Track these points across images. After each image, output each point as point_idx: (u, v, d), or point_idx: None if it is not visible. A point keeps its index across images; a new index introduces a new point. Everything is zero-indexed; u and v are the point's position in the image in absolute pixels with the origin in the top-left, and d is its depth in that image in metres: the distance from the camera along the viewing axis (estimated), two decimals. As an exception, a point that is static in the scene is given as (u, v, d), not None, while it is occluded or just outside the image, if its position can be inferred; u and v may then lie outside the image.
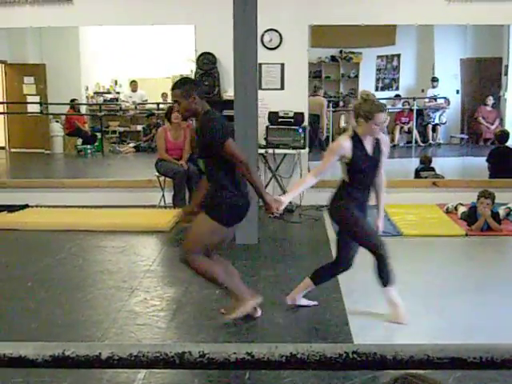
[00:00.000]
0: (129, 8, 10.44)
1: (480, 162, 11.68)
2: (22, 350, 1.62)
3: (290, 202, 10.14)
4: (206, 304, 6.08)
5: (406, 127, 17.34)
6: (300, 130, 10.22)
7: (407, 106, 17.62)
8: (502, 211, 9.13)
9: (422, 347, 1.62)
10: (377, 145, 5.53)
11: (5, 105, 16.93)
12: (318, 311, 5.81)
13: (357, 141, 5.43)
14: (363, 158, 5.44)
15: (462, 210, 9.39)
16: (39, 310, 5.92)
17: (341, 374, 4.32)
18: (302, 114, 10.33)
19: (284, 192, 10.27)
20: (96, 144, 16.58)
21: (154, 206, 9.94)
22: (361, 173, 5.51)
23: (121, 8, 10.46)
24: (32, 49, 16.90)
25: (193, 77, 10.69)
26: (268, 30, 10.32)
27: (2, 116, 16.84)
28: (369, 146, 5.49)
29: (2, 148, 16.85)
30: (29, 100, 16.89)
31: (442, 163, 13.01)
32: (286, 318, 5.65)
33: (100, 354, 1.59)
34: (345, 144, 5.44)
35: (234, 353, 1.59)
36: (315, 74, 17.77)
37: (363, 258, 7.73)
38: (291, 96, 10.38)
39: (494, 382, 4.23)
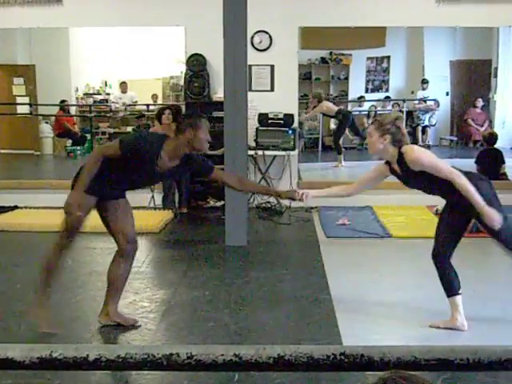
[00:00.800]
0: (119, 9, 10.44)
1: (469, 164, 11.67)
2: (10, 351, 1.61)
3: (279, 203, 10.18)
4: (195, 306, 6.07)
5: (395, 129, 17.33)
6: (290, 132, 10.24)
7: (397, 108, 17.63)
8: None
9: (410, 349, 1.62)
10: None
11: (-6, 106, 16.88)
12: (306, 312, 5.81)
13: None
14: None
15: (451, 211, 9.40)
16: (28, 312, 5.89)
17: (329, 376, 4.32)
18: (291, 115, 10.34)
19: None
20: (86, 145, 16.54)
21: (143, 208, 9.93)
22: None
23: (111, 9, 10.45)
24: (21, 50, 16.85)
25: (182, 78, 10.70)
26: (258, 32, 10.33)
27: (-9, 117, 16.80)
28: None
29: (-9, 149, 16.81)
30: (18, 101, 16.84)
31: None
32: (274, 319, 5.65)
33: (87, 355, 1.60)
34: None
35: (222, 354, 1.60)
36: (305, 75, 17.76)
37: (354, 258, 7.77)
38: (281, 98, 10.39)
39: (483, 384, 4.24)
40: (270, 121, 10.27)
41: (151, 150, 5.07)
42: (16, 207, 10.26)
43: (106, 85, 18.69)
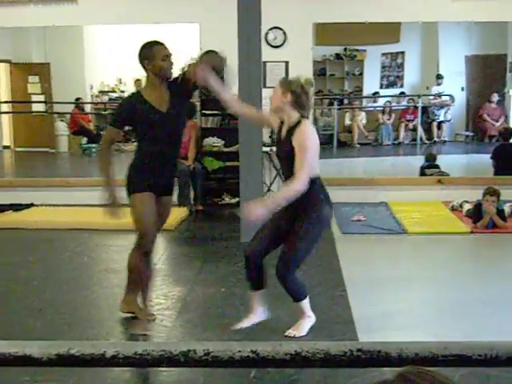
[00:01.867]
0: (133, 6, 10.44)
1: (485, 160, 11.66)
2: (28, 348, 1.62)
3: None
4: (211, 303, 6.08)
5: (410, 125, 17.31)
6: (305, 128, 10.20)
7: (412, 104, 17.59)
8: (507, 208, 9.11)
9: (427, 345, 1.62)
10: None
11: (10, 104, 16.95)
12: (322, 308, 5.81)
13: None
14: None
15: (467, 207, 9.38)
16: (45, 309, 5.92)
17: (345, 372, 4.31)
18: (306, 111, 10.31)
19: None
20: (101, 143, 16.56)
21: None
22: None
23: (125, 7, 10.46)
24: (36, 48, 16.91)
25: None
26: (272, 28, 10.32)
27: (7, 115, 16.86)
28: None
29: (7, 147, 16.88)
30: (33, 99, 16.91)
31: (447, 160, 12.99)
32: (291, 315, 5.64)
33: (105, 352, 1.60)
34: None
35: (239, 351, 1.60)
36: (320, 71, 17.76)
37: (369, 254, 7.76)
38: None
39: (500, 379, 4.23)
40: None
41: (134, 101, 5.24)
42: (32, 205, 10.29)
43: (120, 82, 18.74)
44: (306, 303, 5.21)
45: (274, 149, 10.03)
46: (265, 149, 9.60)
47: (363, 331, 5.23)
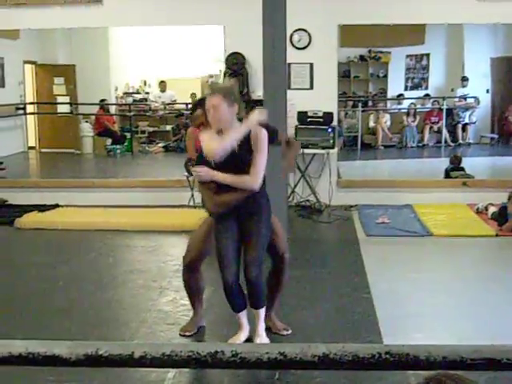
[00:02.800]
0: (158, 8, 10.47)
1: (510, 162, 11.59)
2: (56, 348, 1.63)
3: (319, 202, 10.16)
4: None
5: (435, 127, 17.24)
6: (329, 130, 10.19)
7: (437, 106, 17.52)
8: (533, 211, 9.05)
9: (456, 348, 1.61)
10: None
11: (35, 105, 17.07)
12: (347, 311, 5.80)
13: None
14: None
15: (492, 210, 9.32)
16: (70, 310, 5.96)
17: (371, 375, 4.30)
18: (331, 113, 10.30)
19: (314, 193, 10.27)
20: (125, 144, 16.65)
21: (183, 206, 9.95)
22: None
23: (150, 8, 10.49)
24: (62, 49, 17.03)
25: (221, 77, 10.71)
26: (297, 30, 10.30)
27: (33, 116, 16.98)
28: None
29: (33, 148, 17.00)
30: (59, 100, 17.02)
31: (472, 163, 12.92)
32: (315, 317, 5.65)
33: (133, 353, 1.60)
34: None
35: (267, 352, 1.59)
36: (344, 73, 17.72)
37: (394, 256, 7.73)
38: (320, 96, 10.35)
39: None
40: (309, 119, 10.24)
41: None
42: (57, 205, 10.35)
43: (145, 84, 18.84)
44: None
45: (299, 151, 10.13)
46: (289, 150, 9.59)
47: (388, 333, 5.22)
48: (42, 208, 10.11)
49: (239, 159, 4.84)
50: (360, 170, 14.10)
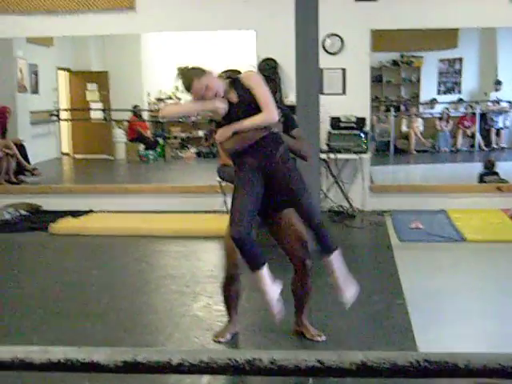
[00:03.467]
0: (190, 14, 10.51)
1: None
2: (95, 355, 1.63)
3: (352, 207, 10.12)
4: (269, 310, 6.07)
5: (468, 131, 17.14)
6: (362, 135, 10.17)
7: (470, 110, 17.42)
8: None
9: (495, 356, 1.59)
10: None
11: (69, 111, 17.22)
12: (381, 317, 5.77)
13: None
14: None
15: (527, 215, 9.25)
16: (104, 315, 5.98)
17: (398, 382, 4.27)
18: (363, 118, 10.28)
19: (347, 198, 10.24)
20: (158, 150, 16.74)
21: (215, 212, 9.97)
22: None
23: (182, 14, 10.54)
24: (95, 56, 17.18)
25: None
26: (329, 35, 10.30)
27: (66, 123, 17.13)
28: None
29: (66, 154, 17.14)
30: (92, 107, 17.17)
31: (506, 168, 12.81)
32: (349, 324, 5.62)
33: (171, 359, 1.61)
34: None
35: (305, 360, 1.59)
36: (376, 78, 17.68)
37: (428, 262, 7.67)
38: (353, 101, 10.34)
39: None
40: (341, 124, 10.22)
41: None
42: (91, 211, 10.42)
43: (177, 89, 18.87)
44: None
45: (332, 156, 10.12)
46: (322, 156, 9.59)
47: (422, 340, 5.18)
48: (76, 214, 10.19)
49: (245, 107, 4.75)
50: (393, 174, 14.05)
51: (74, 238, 9.15)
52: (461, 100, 18.05)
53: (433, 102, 18.16)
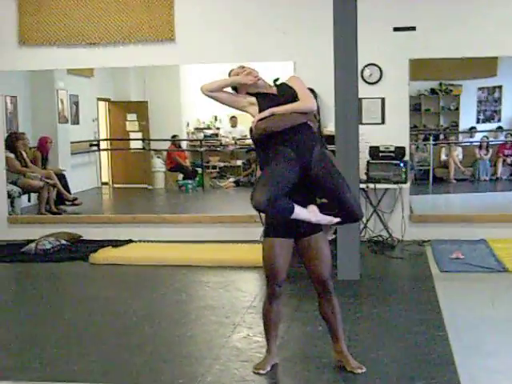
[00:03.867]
0: (229, 45, 10.58)
1: None
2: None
3: (391, 237, 10.07)
4: (309, 341, 6.04)
5: (509, 160, 16.99)
6: (401, 165, 10.12)
7: (510, 138, 17.28)
8: None
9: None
10: None
11: (108, 141, 17.37)
12: (422, 349, 5.70)
13: None
14: None
15: None
16: (143, 346, 5.98)
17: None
18: (403, 148, 10.24)
19: (386, 228, 10.19)
20: (197, 179, 16.81)
21: (254, 242, 9.95)
22: None
23: (221, 45, 10.61)
24: (135, 87, 17.34)
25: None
26: (368, 65, 10.30)
27: (106, 152, 17.28)
28: None
29: (106, 184, 17.27)
30: (131, 136, 17.30)
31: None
32: (389, 356, 5.56)
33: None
34: None
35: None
36: (414, 107, 17.62)
37: (470, 293, 7.58)
38: (392, 130, 10.32)
39: None
40: (380, 154, 10.19)
41: None
42: (130, 241, 10.47)
43: (216, 119, 19.02)
44: None
45: (371, 185, 10.08)
46: (361, 185, 9.56)
47: (465, 373, 5.10)
48: (116, 243, 10.25)
49: (284, 100, 5.00)
50: (432, 203, 13.96)
51: (114, 268, 9.19)
52: (500, 128, 17.93)
53: (472, 130, 18.05)
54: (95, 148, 16.83)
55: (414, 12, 10.23)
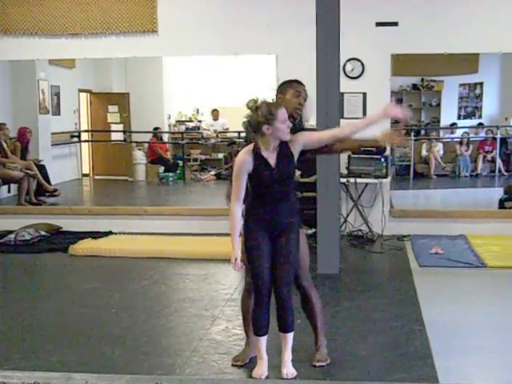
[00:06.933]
0: (211, 38, 10.57)
1: None
2: (116, 381, 1.64)
3: (371, 231, 10.11)
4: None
5: (489, 156, 17.08)
6: (382, 160, 10.15)
7: (490, 135, 17.36)
8: None
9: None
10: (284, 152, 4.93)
11: (89, 133, 17.31)
12: (400, 343, 5.74)
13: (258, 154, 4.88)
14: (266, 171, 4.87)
15: (548, 241, 9.18)
16: (123, 337, 5.98)
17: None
18: (383, 143, 10.26)
19: (366, 222, 10.22)
20: (178, 172, 16.78)
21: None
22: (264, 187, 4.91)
23: (203, 38, 10.58)
24: (116, 78, 17.29)
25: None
26: (350, 59, 10.31)
27: (87, 144, 17.21)
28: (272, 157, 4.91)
29: (87, 175, 17.21)
30: (113, 128, 17.24)
31: (527, 193, 12.71)
32: (368, 349, 5.59)
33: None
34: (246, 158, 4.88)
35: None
36: (396, 102, 17.65)
37: (448, 288, 7.62)
38: (373, 125, 10.31)
39: None
40: (362, 148, 10.20)
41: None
42: (110, 233, 10.45)
43: (197, 112, 19.01)
44: None
45: (352, 180, 10.10)
46: (342, 180, 9.58)
47: (442, 367, 5.14)
48: (96, 235, 10.22)
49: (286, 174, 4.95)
50: (412, 199, 14.01)
51: (94, 260, 9.17)
52: (481, 125, 18.01)
53: (453, 126, 18.12)
54: (76, 139, 16.76)
55: (397, 7, 10.25)
